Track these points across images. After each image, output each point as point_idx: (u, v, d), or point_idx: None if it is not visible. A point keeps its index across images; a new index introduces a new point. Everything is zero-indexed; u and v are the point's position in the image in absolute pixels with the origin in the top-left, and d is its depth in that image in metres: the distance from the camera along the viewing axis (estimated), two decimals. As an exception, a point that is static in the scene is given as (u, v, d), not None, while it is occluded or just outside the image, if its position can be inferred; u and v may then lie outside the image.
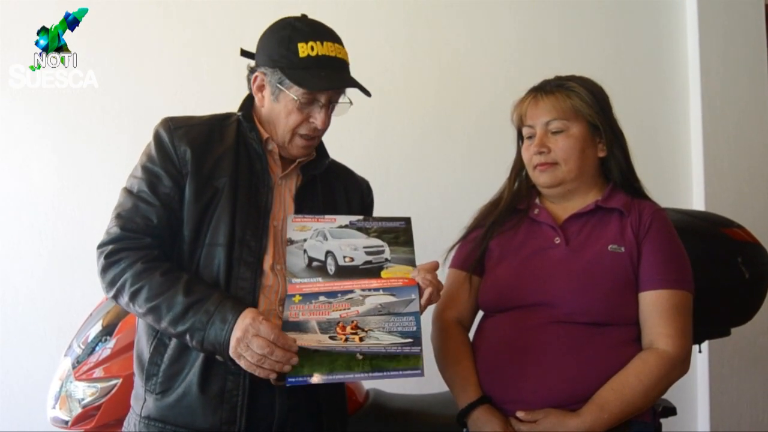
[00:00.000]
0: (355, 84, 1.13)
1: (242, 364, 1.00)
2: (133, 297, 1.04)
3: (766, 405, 2.27)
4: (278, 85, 1.13)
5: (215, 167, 1.12)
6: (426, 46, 2.28)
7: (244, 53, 1.20)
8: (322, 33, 1.14)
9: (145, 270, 1.05)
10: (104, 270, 1.07)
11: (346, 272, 1.11)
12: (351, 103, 1.19)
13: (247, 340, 0.98)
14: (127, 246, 1.07)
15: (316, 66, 1.10)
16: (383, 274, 1.10)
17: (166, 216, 1.10)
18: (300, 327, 1.04)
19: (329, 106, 1.15)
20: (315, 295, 1.08)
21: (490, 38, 2.31)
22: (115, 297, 1.08)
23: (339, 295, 1.07)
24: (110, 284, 1.07)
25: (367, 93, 1.14)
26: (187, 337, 1.03)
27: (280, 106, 1.14)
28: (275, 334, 0.98)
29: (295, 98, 1.11)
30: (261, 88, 1.16)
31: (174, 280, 1.04)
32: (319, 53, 1.10)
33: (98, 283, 1.10)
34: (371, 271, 1.11)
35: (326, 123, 1.15)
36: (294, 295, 1.08)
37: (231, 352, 1.00)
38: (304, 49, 1.10)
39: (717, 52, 2.32)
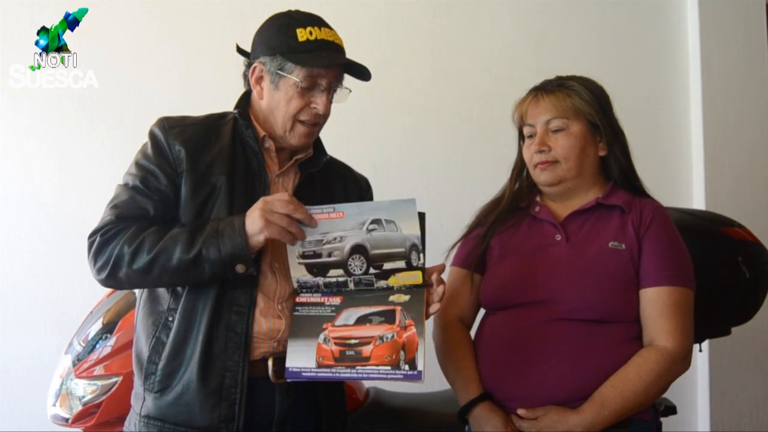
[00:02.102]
0: (355, 64, 1.13)
1: (272, 231, 1.02)
2: (134, 255, 1.03)
3: (766, 404, 2.27)
4: (278, 72, 1.12)
5: (212, 165, 1.12)
6: (427, 45, 2.28)
7: (240, 51, 1.20)
8: (319, 20, 1.15)
9: (139, 230, 1.05)
10: (99, 248, 1.06)
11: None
12: (350, 90, 1.18)
13: (270, 205, 1.03)
14: (122, 226, 1.07)
15: (316, 48, 1.11)
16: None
17: (162, 210, 1.10)
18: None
19: (329, 91, 1.14)
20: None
21: (492, 38, 2.31)
22: (114, 269, 1.05)
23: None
24: (106, 260, 1.05)
25: (368, 74, 1.14)
26: (203, 256, 1.02)
27: (281, 94, 1.13)
28: (288, 196, 1.04)
29: (297, 80, 1.11)
30: (260, 79, 1.16)
31: (169, 227, 1.06)
32: (318, 37, 1.11)
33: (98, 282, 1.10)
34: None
35: (327, 108, 1.14)
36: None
37: (258, 226, 1.02)
38: (302, 34, 1.11)
39: (718, 52, 2.32)
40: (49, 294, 2.10)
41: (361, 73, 1.15)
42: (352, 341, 1.04)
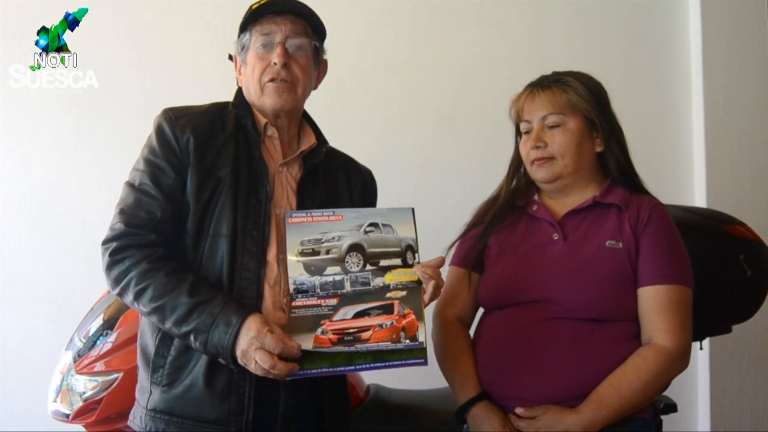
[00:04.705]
0: (291, 4, 1.15)
1: (251, 370, 1.02)
2: (138, 296, 1.05)
3: (767, 402, 2.26)
4: (242, 49, 1.18)
5: (217, 157, 1.13)
6: (429, 43, 2.29)
7: (232, 58, 1.23)
8: None
9: (149, 270, 1.05)
10: (109, 267, 1.08)
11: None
12: (316, 45, 1.19)
13: (251, 353, 0.99)
14: (132, 243, 1.07)
15: (265, 10, 1.14)
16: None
17: (170, 208, 1.10)
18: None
19: (285, 43, 1.15)
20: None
21: (493, 35, 2.31)
22: (120, 294, 1.09)
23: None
24: (115, 282, 1.07)
25: (318, 21, 1.17)
26: (191, 338, 1.03)
27: (249, 67, 1.17)
28: (280, 346, 0.99)
29: (254, 47, 1.15)
30: (240, 67, 1.20)
31: (179, 280, 1.05)
32: (268, 1, 1.15)
33: (99, 278, 1.11)
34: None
35: (284, 57, 1.14)
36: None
37: (239, 361, 1.01)
38: (256, 5, 1.16)
39: (720, 49, 2.32)
40: (50, 291, 2.11)
41: (317, 26, 1.18)
42: (351, 330, 1.03)
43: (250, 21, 1.16)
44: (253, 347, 0.99)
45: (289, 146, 1.21)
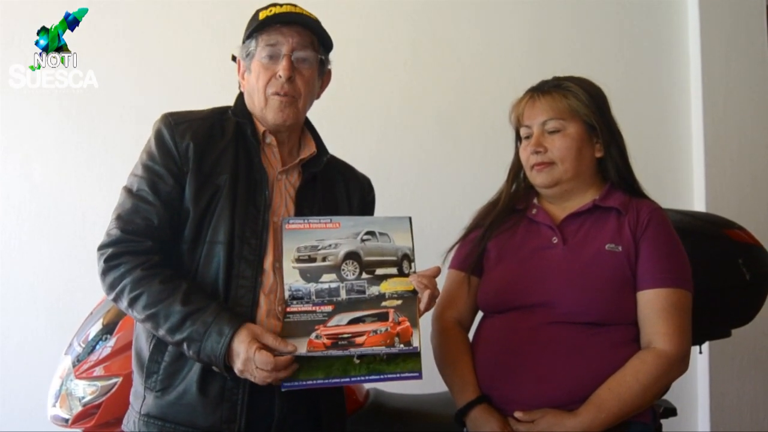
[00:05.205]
0: (299, 17, 1.15)
1: (253, 381, 1.03)
2: (132, 303, 1.05)
3: (766, 406, 2.26)
4: (247, 55, 1.17)
5: (216, 164, 1.12)
6: (429, 47, 2.28)
7: (235, 59, 1.22)
8: (287, 3, 1.18)
9: (144, 277, 1.05)
10: (104, 273, 1.08)
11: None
12: (322, 57, 1.19)
13: (249, 372, 1.01)
14: (127, 250, 1.07)
15: (273, 21, 1.14)
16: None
17: (168, 216, 1.10)
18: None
19: (291, 56, 1.14)
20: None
21: (494, 39, 2.31)
22: (115, 300, 1.09)
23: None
24: (110, 288, 1.08)
25: (325, 33, 1.17)
26: (185, 346, 1.04)
27: (253, 75, 1.17)
28: (272, 363, 0.99)
29: (260, 55, 1.15)
30: (243, 72, 1.20)
31: (173, 288, 1.05)
32: (276, 12, 1.15)
33: (99, 282, 1.11)
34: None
35: (290, 70, 1.13)
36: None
37: (239, 377, 1.02)
38: (263, 14, 1.16)
39: (719, 52, 2.31)
40: (49, 294, 2.11)
41: (324, 38, 1.17)
42: (345, 335, 1.03)
43: (256, 29, 1.15)
44: (251, 367, 1.00)
45: (289, 154, 1.21)
